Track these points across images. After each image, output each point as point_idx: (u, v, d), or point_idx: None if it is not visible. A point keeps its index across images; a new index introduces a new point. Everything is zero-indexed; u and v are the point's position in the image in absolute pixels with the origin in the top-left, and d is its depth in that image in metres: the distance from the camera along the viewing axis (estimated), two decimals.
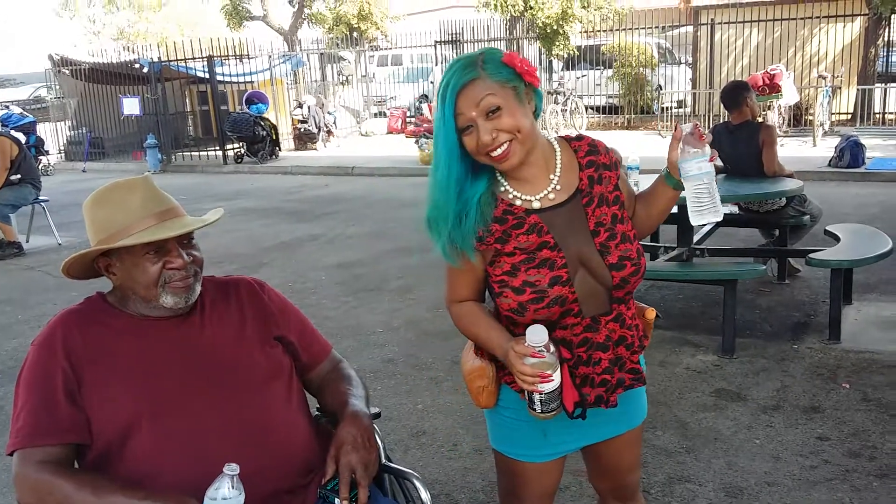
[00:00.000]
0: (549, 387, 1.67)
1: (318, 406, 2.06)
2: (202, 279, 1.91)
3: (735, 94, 5.49)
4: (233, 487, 1.57)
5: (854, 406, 3.67)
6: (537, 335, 1.65)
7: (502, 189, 1.79)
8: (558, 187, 1.79)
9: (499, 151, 1.69)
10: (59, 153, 17.70)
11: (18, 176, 7.94)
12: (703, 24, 16.09)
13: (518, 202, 1.77)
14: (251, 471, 1.65)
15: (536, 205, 1.78)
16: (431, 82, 19.07)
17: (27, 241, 8.47)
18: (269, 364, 1.87)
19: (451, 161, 1.70)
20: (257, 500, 1.68)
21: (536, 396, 1.69)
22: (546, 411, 1.71)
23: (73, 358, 1.72)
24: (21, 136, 11.20)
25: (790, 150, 11.69)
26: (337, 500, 1.76)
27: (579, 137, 1.87)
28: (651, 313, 1.94)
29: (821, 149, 11.96)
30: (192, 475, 1.65)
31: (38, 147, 15.73)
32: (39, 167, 15.05)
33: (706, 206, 1.75)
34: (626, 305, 1.85)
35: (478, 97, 1.66)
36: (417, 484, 1.91)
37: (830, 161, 10.52)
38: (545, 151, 1.80)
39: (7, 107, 16.96)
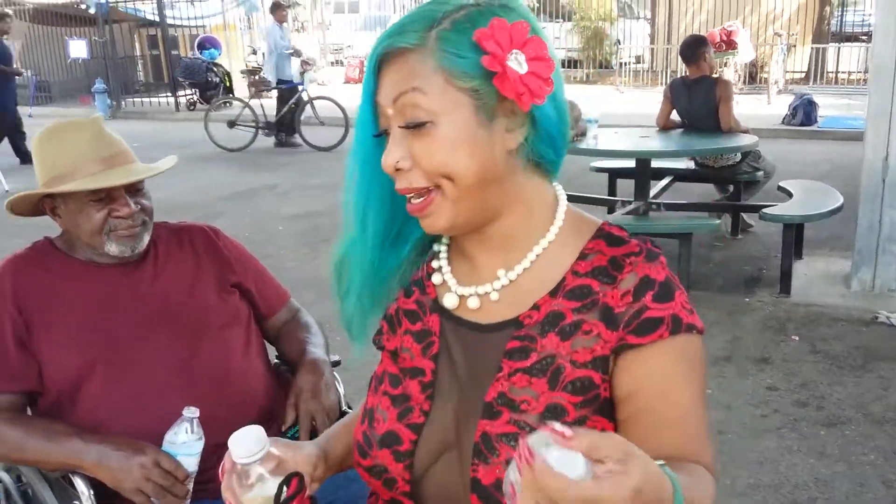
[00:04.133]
0: None
1: (276, 355, 2.03)
2: (156, 225, 1.86)
3: (693, 48, 5.51)
4: (192, 431, 1.55)
5: (803, 358, 3.77)
6: (245, 444, 0.96)
7: (440, 250, 1.08)
8: (501, 293, 1.00)
9: (414, 202, 0.95)
10: None
11: None
12: None
13: (440, 281, 1.06)
14: (207, 417, 1.61)
15: (452, 302, 1.03)
16: None
17: None
18: (226, 310, 1.83)
19: (367, 182, 1.03)
20: (216, 446, 1.65)
21: None
22: None
23: (22, 305, 1.66)
24: None
25: (745, 108, 11.76)
26: None
27: (620, 241, 0.98)
28: None
29: (775, 106, 12.11)
30: (146, 422, 1.61)
31: None
32: None
33: None
34: None
35: (398, 87, 0.92)
36: None
37: (784, 119, 10.67)
38: (530, 221, 0.99)
39: None
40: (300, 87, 10.87)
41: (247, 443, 0.94)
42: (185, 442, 1.55)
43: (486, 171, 0.93)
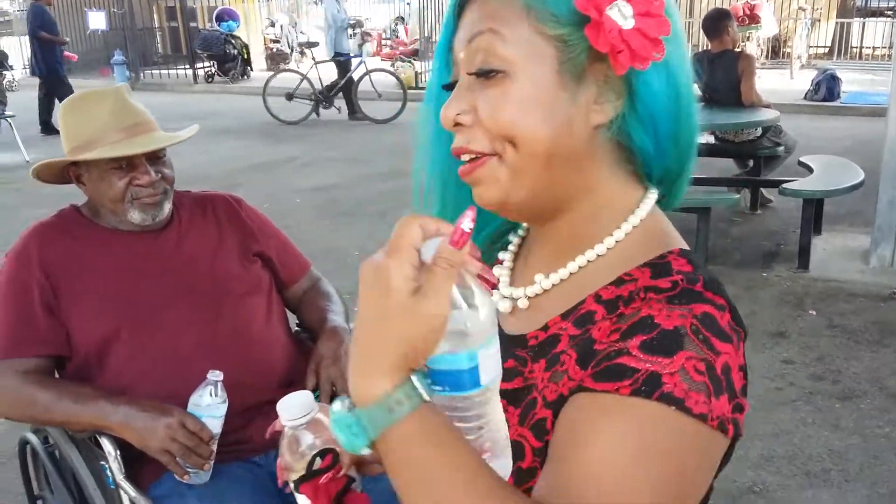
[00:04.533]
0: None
1: (297, 322, 2.07)
2: (179, 194, 1.89)
3: (716, 21, 5.46)
4: (216, 394, 1.59)
5: (819, 332, 3.77)
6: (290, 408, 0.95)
7: (511, 241, 0.92)
8: (532, 301, 0.85)
9: (463, 159, 0.79)
10: (24, 68, 17.16)
11: None
12: None
13: (498, 277, 0.90)
14: (230, 382, 1.66)
15: (485, 307, 0.69)
16: (408, 3, 18.66)
17: None
18: (249, 278, 1.87)
19: (438, 145, 0.85)
20: (237, 410, 1.69)
21: None
22: None
23: (49, 271, 1.70)
24: None
25: (767, 82, 11.67)
26: None
27: (665, 271, 0.75)
28: None
29: (798, 81, 11.98)
30: (171, 385, 1.66)
31: (2, 61, 15.26)
32: (3, 82, 14.68)
33: None
34: None
35: (474, 27, 0.77)
36: None
37: (806, 94, 10.56)
38: (595, 224, 0.80)
39: None
40: (358, 59, 10.78)
41: (291, 407, 0.93)
42: (209, 404, 1.59)
43: (559, 142, 0.75)
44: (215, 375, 1.59)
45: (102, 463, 1.64)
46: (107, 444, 1.60)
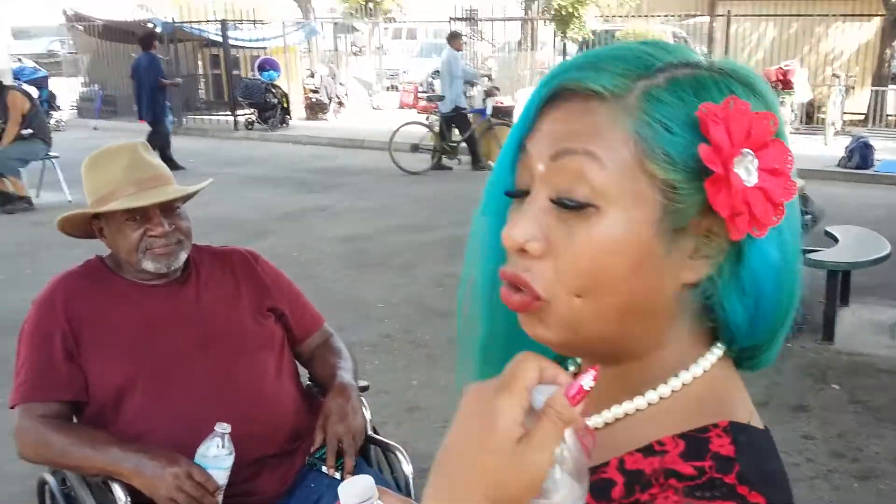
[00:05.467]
0: None
1: (308, 376, 2.11)
2: (198, 248, 1.97)
3: None
4: (223, 446, 1.63)
5: (842, 407, 3.72)
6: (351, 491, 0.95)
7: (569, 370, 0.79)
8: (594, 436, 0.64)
9: (511, 293, 0.65)
10: (72, 109, 17.70)
11: (30, 131, 7.99)
12: (720, 16, 15.98)
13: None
14: (240, 434, 1.70)
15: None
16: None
17: (37, 197, 8.50)
18: (262, 333, 1.92)
19: (494, 260, 0.70)
20: (245, 463, 1.73)
21: None
22: None
23: (73, 320, 1.78)
24: (33, 91, 11.26)
25: (801, 148, 11.65)
26: (324, 467, 1.82)
27: (699, 454, 0.62)
28: None
29: (832, 148, 11.91)
30: (181, 436, 1.70)
31: (50, 102, 15.76)
32: (51, 122, 15.13)
33: None
34: None
35: (564, 141, 0.64)
36: (401, 457, 1.96)
37: (840, 161, 10.50)
38: (650, 370, 0.68)
39: (20, 60, 16.99)
40: (485, 114, 10.88)
41: (353, 490, 0.94)
42: (216, 455, 1.63)
43: (641, 300, 0.64)
44: (223, 428, 1.63)
45: None
46: (118, 490, 1.65)
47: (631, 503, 0.62)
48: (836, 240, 5.03)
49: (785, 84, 12.70)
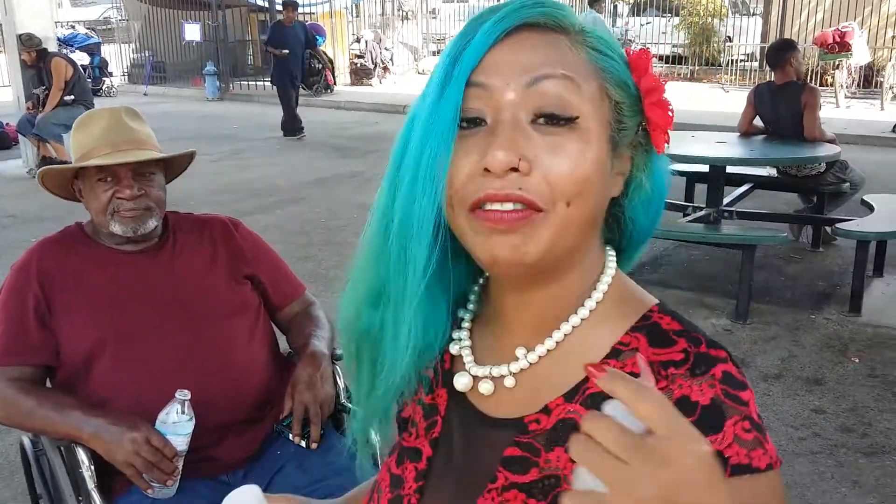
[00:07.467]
0: None
1: (289, 345, 2.13)
2: (180, 216, 2.00)
3: (779, 52, 5.32)
4: (183, 412, 1.66)
5: (858, 381, 3.62)
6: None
7: (464, 316, 0.83)
8: (518, 378, 0.77)
9: (504, 211, 0.68)
10: (123, 75, 18.03)
11: (72, 97, 8.16)
12: None
13: (457, 352, 0.82)
14: (207, 400, 1.74)
15: (463, 382, 0.79)
16: None
17: None
18: (235, 299, 1.94)
19: (423, 191, 0.71)
20: (211, 428, 1.76)
21: None
22: None
23: (45, 284, 1.81)
24: (85, 57, 11.50)
25: (856, 113, 11.28)
26: (290, 435, 1.84)
27: (666, 339, 0.73)
28: None
29: (888, 113, 11.48)
30: (147, 401, 1.73)
31: (102, 68, 16.10)
32: (103, 88, 15.46)
33: None
34: None
35: (540, 69, 0.69)
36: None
37: (894, 127, 10.11)
38: (577, 290, 0.76)
39: (73, 27, 17.30)
40: None
41: (240, 499, 0.91)
42: (175, 422, 1.66)
43: (598, 210, 0.74)
44: (183, 394, 1.66)
45: (80, 471, 1.73)
46: (80, 454, 1.69)
47: None
48: (871, 209, 4.86)
49: (842, 46, 12.22)
